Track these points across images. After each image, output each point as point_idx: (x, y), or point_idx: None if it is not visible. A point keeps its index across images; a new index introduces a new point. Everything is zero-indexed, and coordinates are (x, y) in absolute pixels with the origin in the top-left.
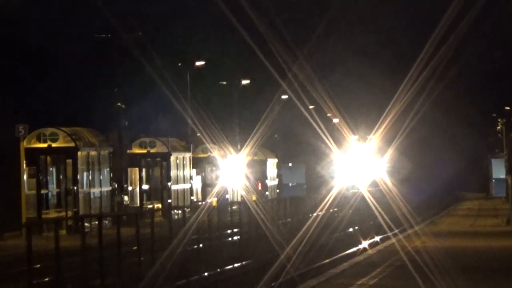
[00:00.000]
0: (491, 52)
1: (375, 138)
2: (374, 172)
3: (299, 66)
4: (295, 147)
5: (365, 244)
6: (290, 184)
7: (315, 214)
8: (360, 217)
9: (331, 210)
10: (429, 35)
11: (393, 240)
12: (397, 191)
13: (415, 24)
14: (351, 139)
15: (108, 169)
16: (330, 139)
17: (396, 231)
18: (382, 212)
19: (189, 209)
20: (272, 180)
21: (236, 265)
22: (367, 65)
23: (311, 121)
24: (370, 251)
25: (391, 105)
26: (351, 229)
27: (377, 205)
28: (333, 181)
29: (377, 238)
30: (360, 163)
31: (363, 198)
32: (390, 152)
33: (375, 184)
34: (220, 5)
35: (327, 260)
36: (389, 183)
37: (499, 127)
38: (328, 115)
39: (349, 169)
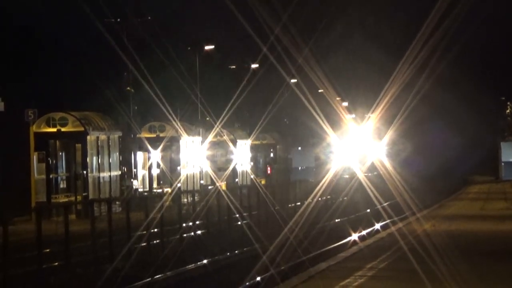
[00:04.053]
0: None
1: (374, 118)
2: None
3: (299, 48)
4: (304, 131)
5: (377, 226)
6: (300, 168)
7: (324, 198)
8: (370, 201)
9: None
10: (431, 9)
11: (403, 223)
12: (404, 176)
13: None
14: (349, 120)
15: (117, 153)
16: (327, 124)
17: (407, 214)
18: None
19: (197, 193)
20: (283, 164)
21: (245, 248)
22: (367, 43)
23: (313, 105)
24: (382, 233)
25: (390, 84)
26: (363, 212)
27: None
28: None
29: (388, 221)
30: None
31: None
32: (391, 132)
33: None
34: None
35: (337, 244)
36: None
37: (508, 111)
38: (338, 98)
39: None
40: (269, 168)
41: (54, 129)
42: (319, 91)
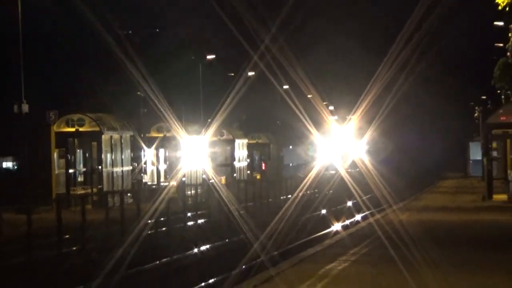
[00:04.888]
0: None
1: (355, 119)
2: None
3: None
4: (294, 132)
5: (358, 217)
6: (291, 164)
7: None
8: (350, 194)
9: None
10: (409, 14)
11: (381, 214)
12: (382, 172)
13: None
14: (331, 120)
15: (129, 150)
16: (312, 126)
17: (384, 206)
18: (375, 190)
19: (200, 186)
20: (276, 161)
21: (241, 236)
22: (348, 44)
23: (300, 110)
24: (363, 223)
25: (371, 85)
26: (344, 205)
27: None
28: (316, 162)
29: (368, 213)
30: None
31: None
32: (370, 132)
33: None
34: None
35: (324, 231)
36: (374, 164)
37: (476, 114)
38: (325, 103)
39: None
40: (263, 165)
41: (73, 129)
42: (308, 96)
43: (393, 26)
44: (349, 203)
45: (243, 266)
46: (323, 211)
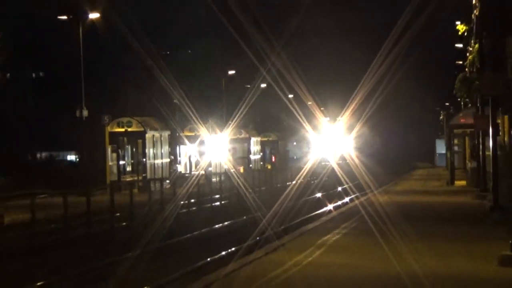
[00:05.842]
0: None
1: (344, 119)
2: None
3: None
4: (297, 131)
5: (347, 199)
6: (295, 157)
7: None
8: (340, 181)
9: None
10: (389, 29)
11: (365, 197)
12: (366, 163)
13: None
14: (324, 121)
15: (167, 146)
16: (306, 123)
17: (367, 191)
18: (358, 178)
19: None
20: (283, 154)
21: (255, 214)
22: (337, 60)
23: (300, 115)
24: (350, 204)
25: (356, 93)
26: (335, 190)
27: (355, 173)
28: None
29: (354, 196)
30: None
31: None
32: (356, 130)
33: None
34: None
35: (320, 211)
36: (361, 158)
37: (441, 117)
38: (322, 109)
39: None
40: (273, 157)
41: (123, 129)
42: (308, 103)
43: (373, 44)
44: (339, 189)
45: (257, 238)
46: (318, 195)
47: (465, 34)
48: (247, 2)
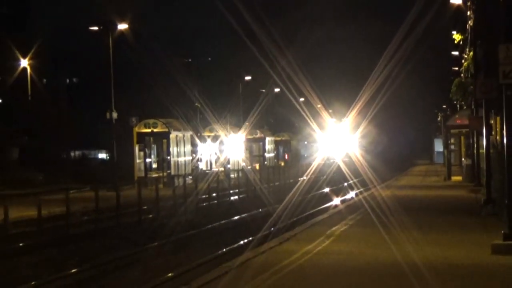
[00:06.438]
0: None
1: (349, 120)
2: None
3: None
4: (307, 131)
5: (352, 194)
6: (305, 155)
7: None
8: (345, 177)
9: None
10: (391, 36)
11: (368, 192)
12: (370, 161)
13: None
14: (331, 122)
15: (189, 145)
16: (315, 124)
17: (370, 186)
18: (362, 174)
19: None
20: (295, 152)
21: (269, 207)
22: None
23: (309, 116)
24: (356, 198)
25: (361, 94)
26: (341, 185)
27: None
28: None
29: (359, 191)
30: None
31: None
32: (360, 130)
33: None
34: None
35: (328, 204)
36: (366, 156)
37: (439, 118)
38: (330, 111)
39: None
40: (286, 155)
41: (149, 130)
42: (318, 106)
43: (376, 48)
44: (345, 184)
45: (271, 228)
46: (326, 189)
47: (461, 42)
48: (263, 17)
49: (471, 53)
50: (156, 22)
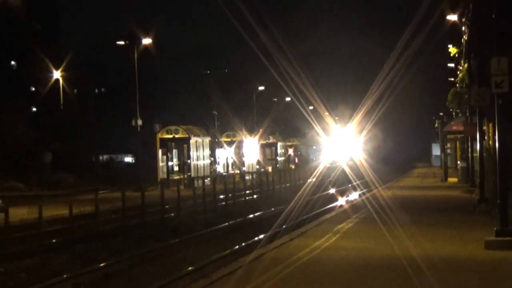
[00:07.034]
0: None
1: (353, 125)
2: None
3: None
4: (315, 137)
5: (356, 195)
6: (314, 159)
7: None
8: (349, 179)
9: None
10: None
11: (371, 193)
12: (373, 164)
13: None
14: (336, 128)
15: (208, 149)
16: (322, 130)
17: (373, 187)
18: (365, 176)
19: (255, 173)
20: (304, 156)
21: (282, 206)
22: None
23: (315, 123)
24: (359, 198)
25: (364, 101)
26: (345, 187)
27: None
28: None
29: (362, 192)
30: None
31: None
32: (363, 135)
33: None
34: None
35: (334, 204)
36: (369, 159)
37: (436, 125)
38: (336, 118)
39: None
40: (296, 159)
41: (171, 136)
42: (325, 113)
43: (378, 58)
44: (349, 185)
45: (283, 225)
46: (332, 190)
47: (456, 55)
48: (276, 37)
49: (466, 65)
50: (178, 37)
